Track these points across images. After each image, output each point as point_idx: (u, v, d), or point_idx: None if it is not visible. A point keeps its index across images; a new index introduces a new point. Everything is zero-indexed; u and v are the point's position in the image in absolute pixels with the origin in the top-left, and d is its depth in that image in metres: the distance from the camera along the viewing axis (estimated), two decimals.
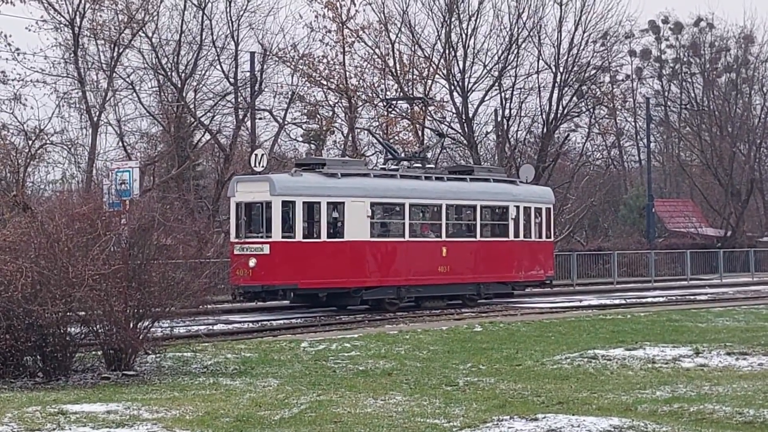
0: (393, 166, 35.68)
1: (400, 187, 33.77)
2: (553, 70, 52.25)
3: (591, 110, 56.80)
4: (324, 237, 31.60)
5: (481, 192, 35.96)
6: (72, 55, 43.25)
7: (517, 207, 36.68)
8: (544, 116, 52.80)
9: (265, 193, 30.82)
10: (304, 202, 31.21)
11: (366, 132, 51.53)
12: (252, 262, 30.33)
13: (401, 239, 33.61)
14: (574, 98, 53.63)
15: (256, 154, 33.74)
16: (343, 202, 31.92)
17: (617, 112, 67.87)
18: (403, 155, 38.52)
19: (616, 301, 37.18)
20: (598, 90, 56.80)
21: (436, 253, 34.35)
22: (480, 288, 35.65)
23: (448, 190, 35.03)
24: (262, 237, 30.95)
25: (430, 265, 34.11)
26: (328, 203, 31.70)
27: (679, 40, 75.59)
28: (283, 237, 30.81)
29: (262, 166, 33.08)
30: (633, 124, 74.66)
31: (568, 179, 56.67)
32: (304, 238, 31.21)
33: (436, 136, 47.38)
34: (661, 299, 38.72)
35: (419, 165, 36.28)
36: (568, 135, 56.76)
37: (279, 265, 30.70)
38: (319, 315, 31.43)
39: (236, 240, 31.25)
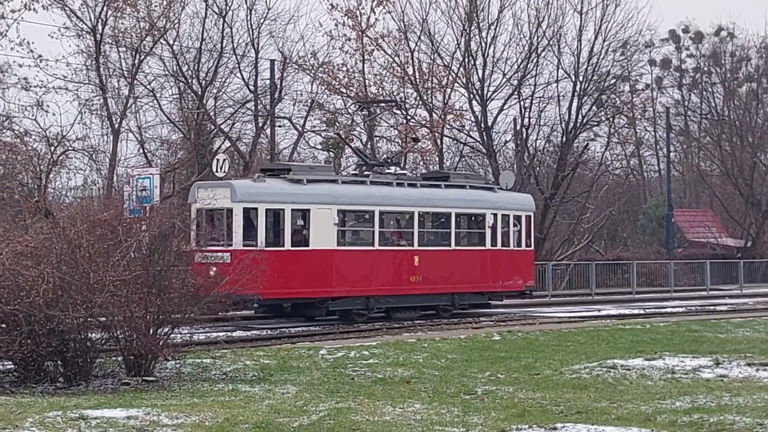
0: (366, 172, 34.56)
1: (370, 194, 32.73)
2: (573, 79, 52.15)
3: (610, 119, 56.69)
4: (288, 245, 30.38)
5: (456, 199, 34.90)
6: (94, 62, 43.45)
7: (495, 214, 35.54)
8: (563, 125, 52.68)
9: (227, 199, 29.76)
10: (267, 209, 30.13)
11: (384, 139, 51.62)
12: (213, 271, 29.06)
13: (370, 248, 32.58)
14: (594, 107, 53.49)
15: (218, 159, 32.65)
16: (309, 209, 30.89)
17: (637, 122, 67.81)
18: (373, 161, 37.10)
19: (635, 311, 37.11)
20: (617, 99, 56.69)
21: (407, 263, 33.33)
22: (454, 298, 34.62)
23: (421, 197, 34.01)
24: (222, 245, 29.67)
25: (401, 274, 33.16)
26: (293, 210, 30.61)
27: (699, 50, 75.53)
28: (244, 245, 29.22)
29: (224, 172, 32.05)
30: (653, 133, 74.59)
31: (587, 189, 56.54)
32: (266, 246, 29.60)
33: (411, 140, 46.30)
34: (681, 309, 38.63)
35: (391, 171, 35.07)
36: (588, 144, 56.65)
37: (240, 274, 29.69)
38: (337, 323, 31.47)
39: (197, 248, 29.54)
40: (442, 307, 34.41)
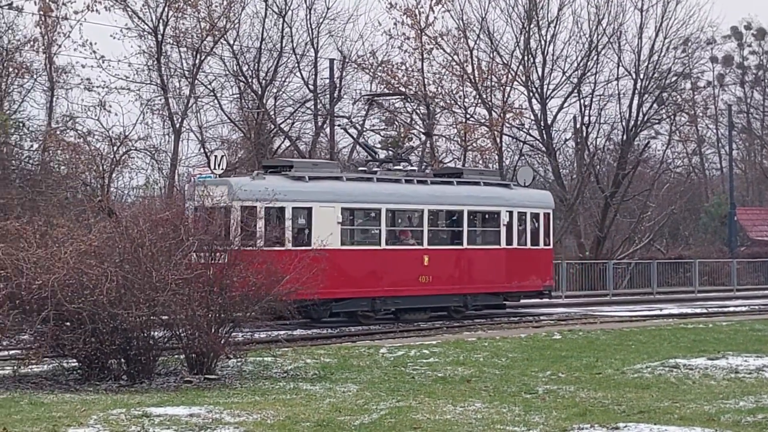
0: (375, 169, 33.64)
1: (376, 192, 31.69)
2: (634, 76, 51.86)
3: (672, 117, 56.25)
4: (289, 245, 28.67)
5: (469, 196, 33.67)
6: (155, 62, 43.87)
7: (510, 212, 34.36)
8: (623, 123, 52.42)
9: (224, 197, 28.21)
10: (266, 208, 28.50)
11: (443, 138, 51.61)
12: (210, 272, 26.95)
13: (376, 247, 31.41)
14: (655, 105, 53.15)
15: (215, 156, 31.80)
16: (311, 208, 29.76)
17: (698, 120, 67.23)
18: (383, 156, 36.10)
19: (698, 310, 36.84)
20: (678, 97, 56.28)
21: (416, 262, 32.12)
22: (467, 299, 33.46)
23: (431, 194, 32.88)
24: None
25: (409, 274, 31.90)
26: (294, 208, 29.42)
27: (762, 46, 74.73)
28: (243, 245, 28.20)
29: (222, 169, 31.11)
30: (714, 131, 73.87)
31: (648, 187, 56.17)
32: (266, 245, 27.54)
33: (423, 135, 45.42)
34: (744, 309, 38.27)
35: (400, 168, 34.10)
36: (648, 142, 56.29)
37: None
38: (398, 322, 31.46)
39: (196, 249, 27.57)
40: (453, 308, 33.31)
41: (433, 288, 32.57)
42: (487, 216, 34.53)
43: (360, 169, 34.76)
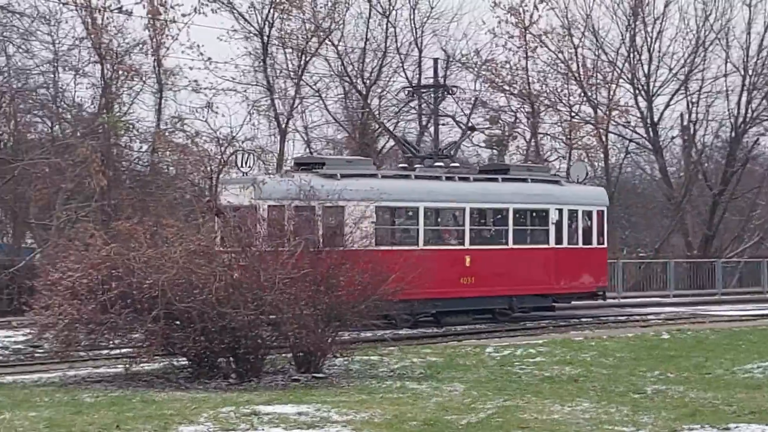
0: (417, 165, 32.64)
1: (414, 189, 30.70)
2: (742, 73, 51.03)
3: None
4: (320, 245, 26.70)
5: (515, 194, 32.43)
6: (261, 63, 44.32)
7: (560, 210, 33.09)
8: (732, 120, 51.63)
9: (251, 196, 27.52)
10: (295, 207, 26.54)
11: (548, 137, 51.26)
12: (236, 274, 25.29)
13: (414, 247, 30.00)
14: (764, 101, 52.23)
15: (243, 154, 31.05)
16: (343, 207, 27.93)
17: None
18: (423, 153, 34.85)
19: None
20: None
21: (457, 263, 30.98)
22: (512, 301, 32.19)
23: (474, 191, 31.78)
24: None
25: (450, 275, 30.66)
26: (325, 208, 27.35)
27: None
28: (270, 246, 26.23)
29: (249, 167, 30.12)
30: None
31: (757, 184, 55.21)
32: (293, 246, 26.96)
33: (466, 129, 44.32)
34: None
35: (441, 164, 32.76)
36: (758, 139, 55.22)
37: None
38: (504, 321, 31.36)
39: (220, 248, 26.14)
40: (498, 310, 32.14)
41: (475, 290, 31.36)
42: (534, 214, 33.18)
43: (399, 165, 33.71)
